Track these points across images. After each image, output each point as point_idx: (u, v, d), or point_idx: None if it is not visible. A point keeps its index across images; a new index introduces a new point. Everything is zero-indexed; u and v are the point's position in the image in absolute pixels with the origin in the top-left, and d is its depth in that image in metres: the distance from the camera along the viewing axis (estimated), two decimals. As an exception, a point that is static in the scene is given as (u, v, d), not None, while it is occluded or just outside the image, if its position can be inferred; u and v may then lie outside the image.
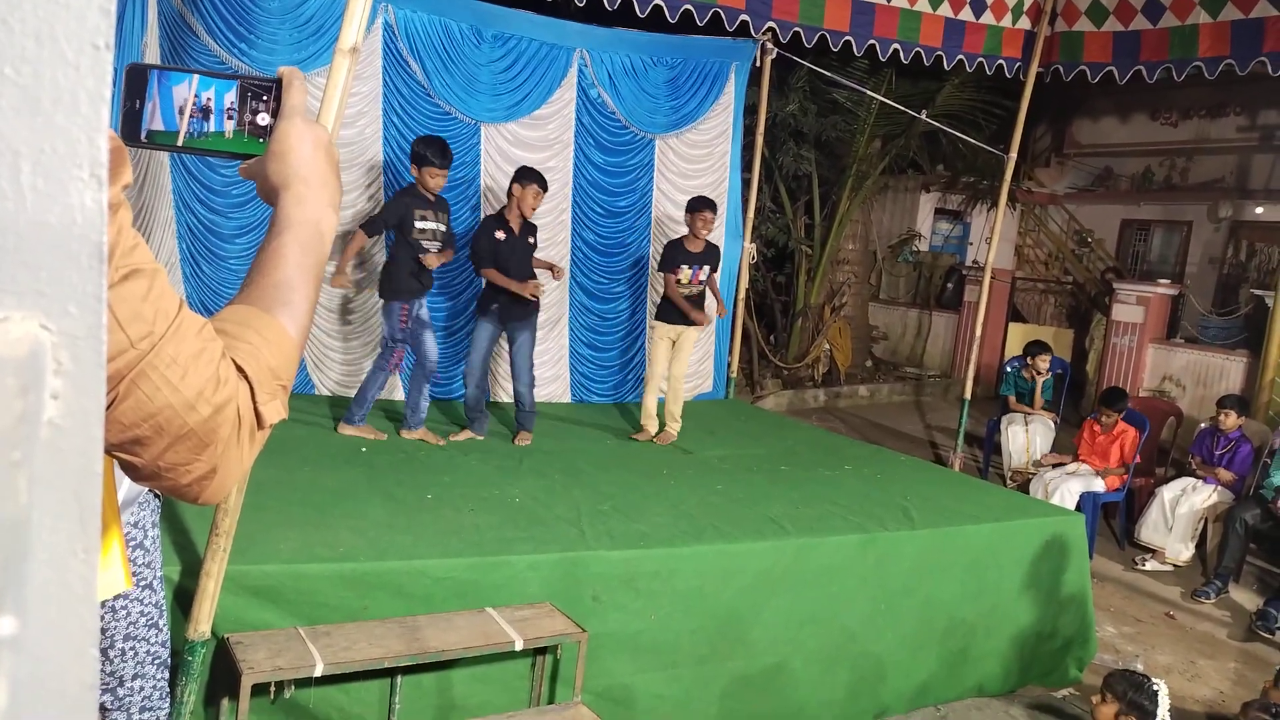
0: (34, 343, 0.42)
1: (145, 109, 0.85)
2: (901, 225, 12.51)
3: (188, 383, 0.70)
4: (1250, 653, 4.98)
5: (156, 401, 0.69)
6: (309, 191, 0.89)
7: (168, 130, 0.86)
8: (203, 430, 0.72)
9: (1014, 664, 4.26)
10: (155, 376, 0.69)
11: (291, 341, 0.82)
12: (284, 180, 0.89)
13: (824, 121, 9.58)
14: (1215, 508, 6.05)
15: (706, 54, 6.60)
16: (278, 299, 0.83)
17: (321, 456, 4.26)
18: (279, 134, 0.89)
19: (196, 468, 0.74)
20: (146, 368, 0.68)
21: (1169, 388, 8.87)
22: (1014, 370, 7.46)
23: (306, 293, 0.86)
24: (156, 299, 0.69)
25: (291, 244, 0.86)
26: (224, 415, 0.73)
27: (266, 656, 2.62)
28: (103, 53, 0.43)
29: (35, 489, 0.41)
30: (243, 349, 0.77)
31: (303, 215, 0.88)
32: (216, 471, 0.75)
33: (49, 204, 0.42)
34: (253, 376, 0.76)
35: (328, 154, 0.91)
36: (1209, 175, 11.49)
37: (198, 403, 0.71)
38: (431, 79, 5.65)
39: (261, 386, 0.77)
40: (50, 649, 0.41)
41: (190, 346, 0.70)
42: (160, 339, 0.68)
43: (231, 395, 0.74)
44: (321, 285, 0.89)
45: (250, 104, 0.89)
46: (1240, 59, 6.04)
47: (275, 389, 0.79)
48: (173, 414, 0.70)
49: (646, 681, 3.39)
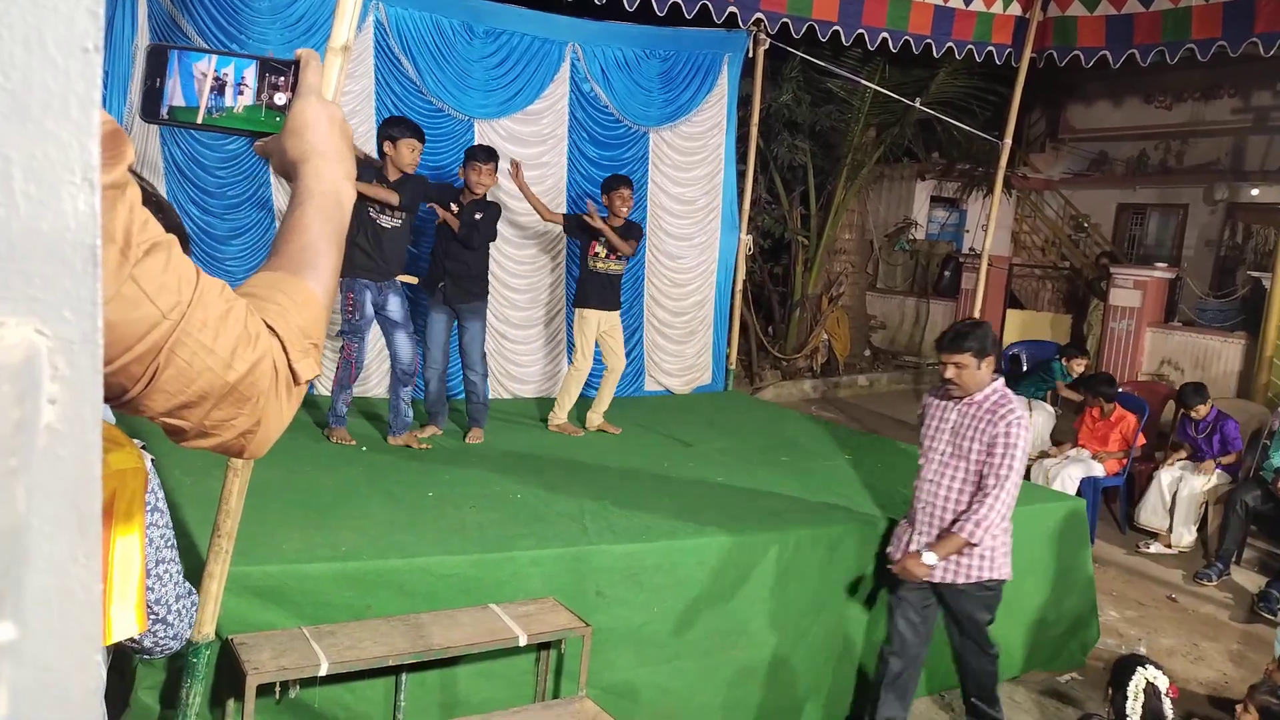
0: (30, 349, 0.41)
1: (166, 86, 0.87)
2: (898, 214, 12.51)
3: (221, 343, 0.73)
4: (1252, 634, 4.99)
5: (196, 366, 0.72)
6: (326, 165, 0.92)
7: (188, 106, 0.88)
8: (243, 386, 0.75)
9: (1017, 650, 4.27)
10: (190, 342, 0.71)
11: (318, 302, 0.85)
12: (303, 155, 0.92)
13: (818, 111, 9.57)
14: (1215, 490, 6.06)
15: (699, 46, 6.59)
16: (303, 263, 0.87)
17: (322, 457, 4.26)
18: (296, 111, 0.92)
19: (240, 422, 0.78)
20: (181, 335, 0.71)
21: (1167, 371, 8.88)
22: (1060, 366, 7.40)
23: (330, 257, 0.90)
24: (176, 268, 0.71)
25: (313, 213, 0.90)
26: (261, 369, 0.76)
27: (271, 657, 2.63)
28: (92, 56, 0.43)
29: (33, 496, 0.40)
30: (272, 310, 0.80)
31: (322, 187, 0.91)
32: (260, 424, 0.79)
33: (41, 210, 0.42)
34: (284, 335, 0.80)
35: (342, 130, 0.95)
36: (1204, 158, 11.50)
37: (234, 360, 0.74)
38: (424, 76, 5.64)
39: (293, 345, 0.80)
40: (52, 656, 0.41)
41: (216, 308, 0.73)
42: (188, 306, 0.71)
43: (266, 350, 0.77)
44: (342, 253, 0.93)
45: (268, 82, 0.91)
46: (1232, 40, 6.04)
47: (307, 347, 0.82)
48: (213, 375, 0.73)
49: (650, 675, 3.40)
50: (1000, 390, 3.38)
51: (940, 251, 12.39)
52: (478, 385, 4.99)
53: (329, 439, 4.58)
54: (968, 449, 3.35)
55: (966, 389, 3.35)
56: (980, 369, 3.32)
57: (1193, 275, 10.18)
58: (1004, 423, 3.28)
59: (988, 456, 3.29)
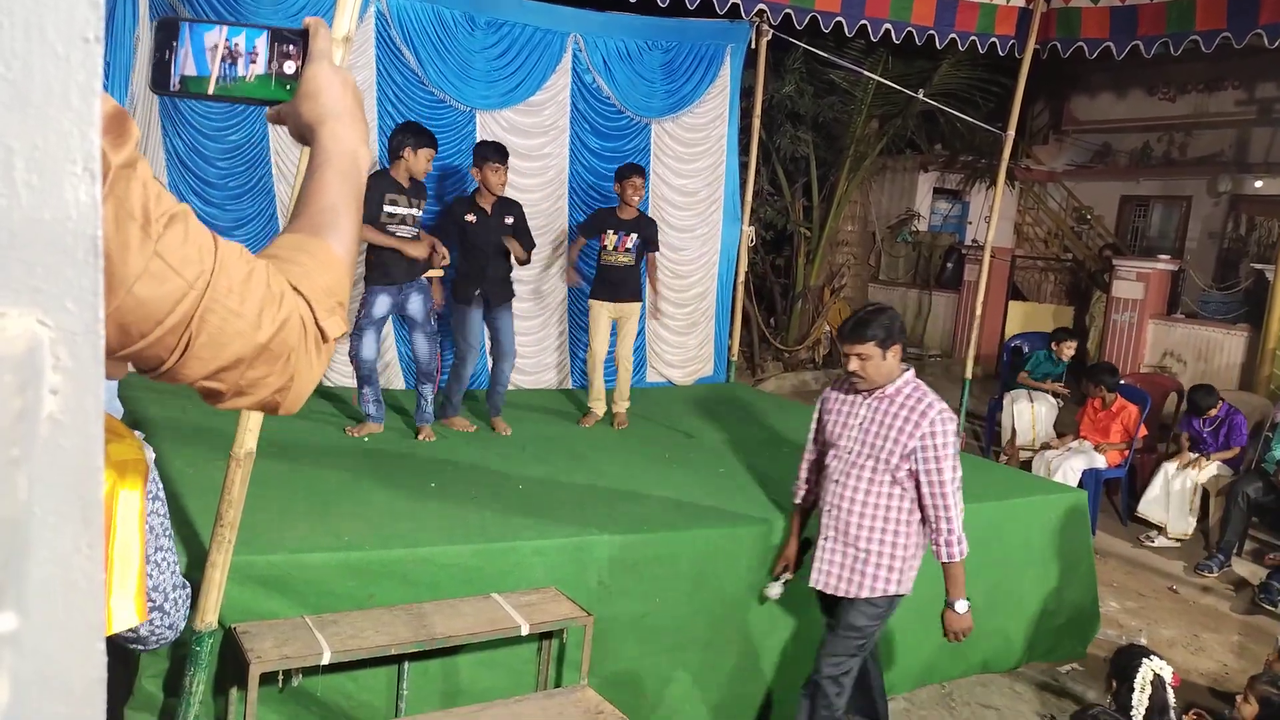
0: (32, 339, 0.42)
1: (178, 56, 0.88)
2: (900, 205, 12.48)
3: (248, 305, 0.75)
4: (1253, 625, 5.00)
5: (227, 331, 0.74)
6: (342, 127, 0.94)
7: (200, 75, 0.89)
8: (274, 344, 0.77)
9: (1018, 641, 4.28)
10: (218, 309, 0.73)
11: (340, 261, 0.87)
12: (318, 118, 0.94)
13: (821, 103, 9.55)
14: (1217, 481, 6.06)
15: (702, 37, 6.57)
16: (324, 223, 0.89)
17: (324, 447, 4.26)
18: (309, 75, 0.94)
19: (273, 380, 0.80)
20: (208, 303, 0.73)
21: (1170, 363, 8.87)
22: (1043, 353, 7.41)
23: (350, 217, 0.91)
24: (195, 238, 0.73)
25: (332, 175, 0.92)
26: (290, 327, 0.78)
27: (274, 646, 2.64)
28: (93, 46, 0.43)
29: (35, 486, 0.41)
30: (295, 271, 0.82)
31: (339, 149, 0.93)
32: (293, 380, 0.81)
33: (43, 200, 0.42)
34: (309, 295, 0.81)
35: (355, 94, 0.97)
36: (1207, 150, 11.45)
37: (262, 320, 0.76)
38: (425, 67, 5.63)
39: (319, 304, 0.82)
40: (55, 645, 0.41)
41: (239, 271, 0.75)
42: (212, 274, 0.73)
43: (292, 308, 0.79)
44: (361, 213, 0.94)
45: (279, 51, 0.93)
46: (1237, 32, 6.01)
47: (332, 305, 0.84)
48: (244, 339, 0.75)
49: (653, 664, 3.41)
50: (913, 383, 3.13)
51: (943, 243, 12.37)
52: (507, 373, 5.09)
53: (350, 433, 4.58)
54: (881, 447, 3.07)
55: (873, 381, 3.07)
56: (886, 359, 3.04)
57: (1195, 267, 10.16)
58: (927, 422, 3.01)
59: (922, 464, 3.02)
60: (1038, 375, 7.32)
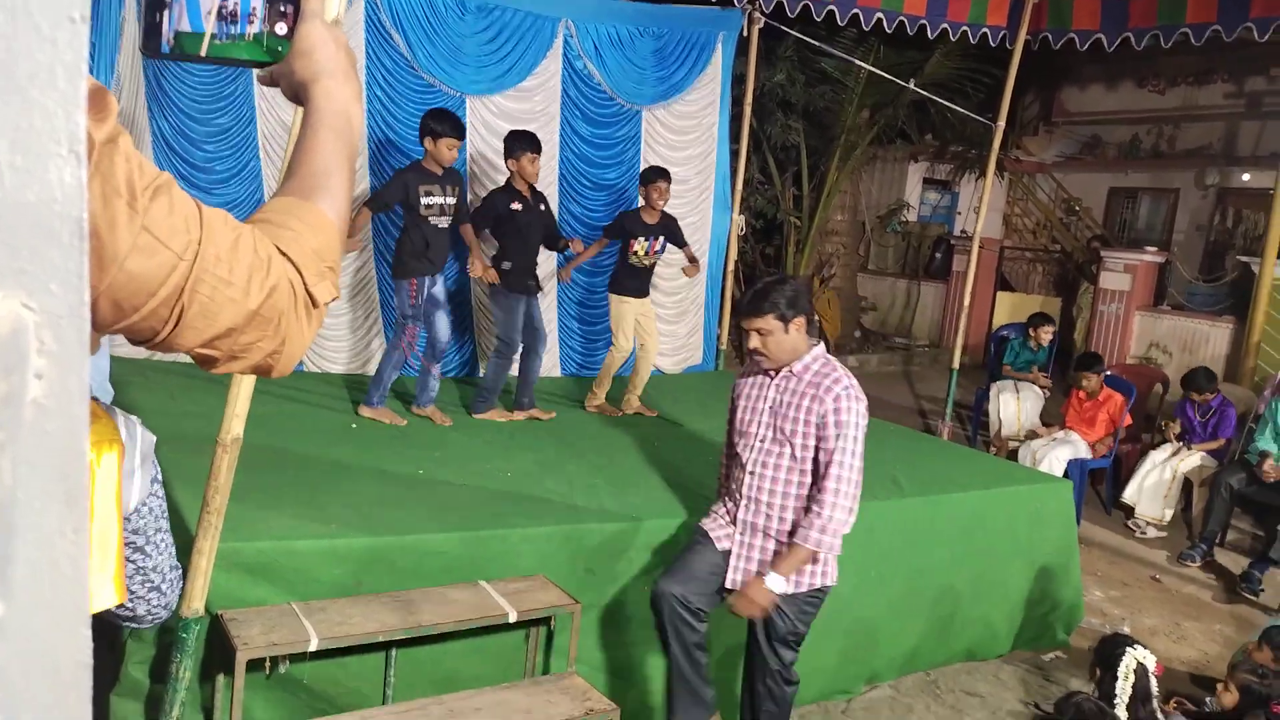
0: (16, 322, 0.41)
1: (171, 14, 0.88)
2: (890, 195, 12.50)
3: (236, 273, 0.76)
4: (1235, 614, 5.05)
5: (218, 299, 0.75)
6: (335, 85, 0.94)
7: (194, 32, 0.89)
8: (265, 310, 0.78)
9: (1003, 629, 4.31)
10: (208, 278, 0.74)
11: (331, 224, 0.87)
12: (312, 75, 0.94)
13: (812, 92, 9.54)
14: (1200, 471, 6.11)
15: (693, 24, 6.54)
16: (316, 186, 0.89)
17: (312, 433, 4.25)
18: (302, 34, 0.94)
19: (265, 344, 0.81)
20: (198, 273, 0.73)
21: (1156, 354, 8.92)
22: (1018, 340, 7.46)
23: (343, 178, 0.91)
24: (180, 208, 0.73)
25: (326, 134, 0.92)
26: (279, 293, 0.79)
27: (261, 632, 2.63)
28: (79, 26, 0.42)
29: (20, 470, 0.40)
30: (285, 236, 0.82)
31: (333, 107, 0.93)
32: (285, 343, 0.82)
33: (28, 181, 0.42)
34: (298, 261, 0.82)
35: (347, 52, 0.98)
36: (1196, 142, 11.50)
37: (251, 287, 0.77)
38: (415, 51, 5.59)
39: (308, 269, 0.82)
40: (41, 629, 0.41)
41: (225, 239, 0.76)
42: (199, 244, 0.73)
43: (280, 274, 0.80)
44: (355, 174, 0.94)
45: (273, 10, 0.92)
46: (1227, 25, 6.03)
47: (322, 270, 0.84)
48: (235, 306, 0.76)
49: (640, 651, 3.42)
50: (822, 358, 2.87)
51: (932, 233, 12.39)
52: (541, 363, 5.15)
53: (361, 414, 4.61)
54: (791, 430, 2.83)
55: (777, 359, 2.83)
56: (790, 333, 2.80)
57: (1182, 259, 10.21)
58: (831, 397, 2.77)
59: (820, 442, 2.79)
60: (1019, 365, 7.36)
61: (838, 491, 2.76)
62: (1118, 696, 3.04)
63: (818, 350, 2.89)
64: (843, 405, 2.78)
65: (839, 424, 2.76)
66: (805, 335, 2.85)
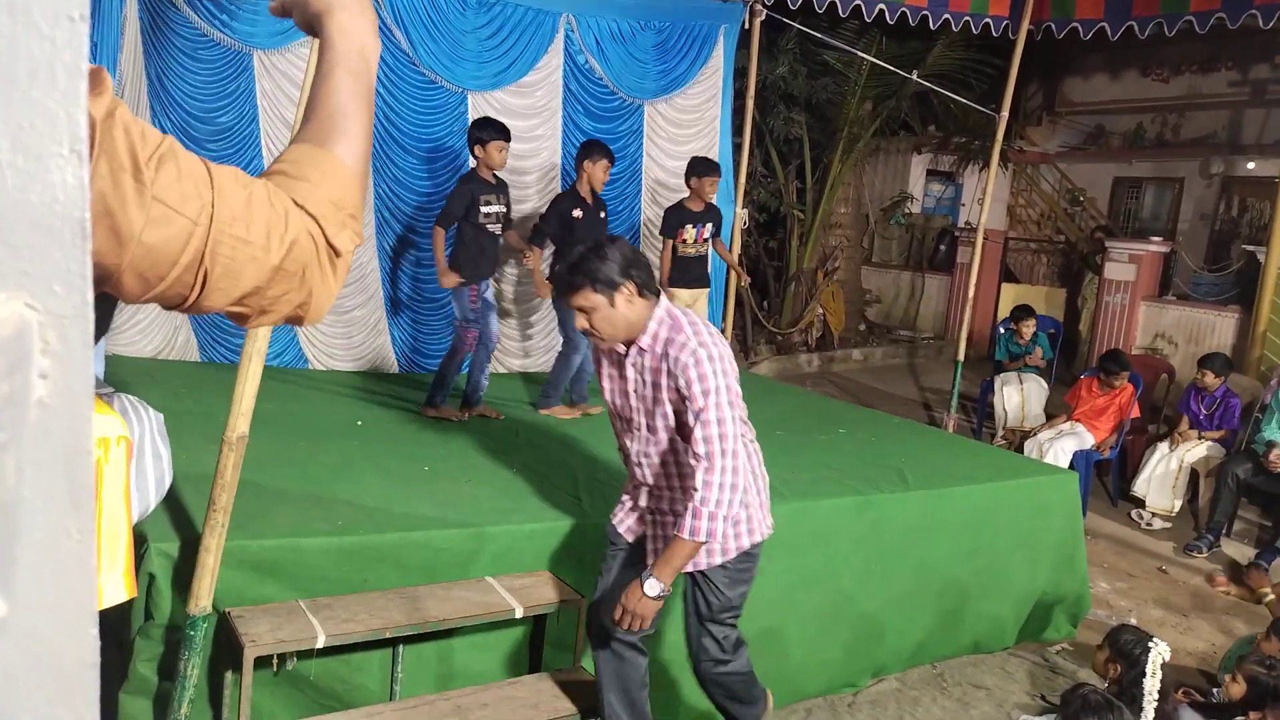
0: (20, 323, 0.41)
1: None
2: (893, 188, 12.46)
3: (254, 230, 0.75)
4: (1241, 605, 5.04)
5: (239, 259, 0.75)
6: (349, 18, 0.93)
7: None
8: (288, 264, 0.78)
9: (1009, 621, 4.31)
10: (227, 240, 0.74)
11: (349, 170, 0.86)
12: (326, 7, 0.92)
13: (814, 84, 9.50)
14: (1207, 462, 6.10)
15: (695, 17, 6.53)
16: (333, 130, 0.87)
17: (318, 431, 4.26)
18: None
19: (293, 296, 0.81)
20: (216, 235, 0.73)
21: (1161, 345, 8.90)
22: (1006, 334, 7.48)
23: (360, 120, 0.90)
24: (189, 172, 0.73)
25: (342, 75, 0.90)
26: (300, 246, 0.79)
27: (268, 629, 2.64)
28: (78, 25, 0.42)
29: (25, 470, 0.40)
30: (302, 188, 0.82)
31: (348, 44, 0.92)
32: (312, 294, 0.82)
33: (29, 182, 0.42)
34: (317, 213, 0.81)
35: None
36: (1200, 131, 11.45)
37: (270, 243, 0.76)
38: (416, 47, 5.58)
39: (327, 221, 0.82)
40: (46, 629, 0.41)
41: (238, 198, 0.75)
42: (213, 206, 0.73)
43: (300, 226, 0.79)
44: (374, 114, 0.93)
45: None
46: (1231, 13, 6.00)
47: (343, 219, 0.83)
48: (257, 264, 0.76)
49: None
50: (666, 321, 2.48)
51: (936, 225, 12.36)
52: None
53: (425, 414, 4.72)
54: (655, 411, 2.54)
55: (613, 337, 2.48)
56: (618, 305, 2.42)
57: (1187, 249, 10.17)
58: (680, 367, 2.41)
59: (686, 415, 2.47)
60: (1011, 358, 7.35)
61: (709, 469, 2.41)
62: (1146, 694, 3.03)
63: (659, 312, 2.49)
64: (691, 371, 2.40)
65: (693, 394, 2.41)
66: (643, 303, 2.46)
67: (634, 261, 2.47)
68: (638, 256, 2.49)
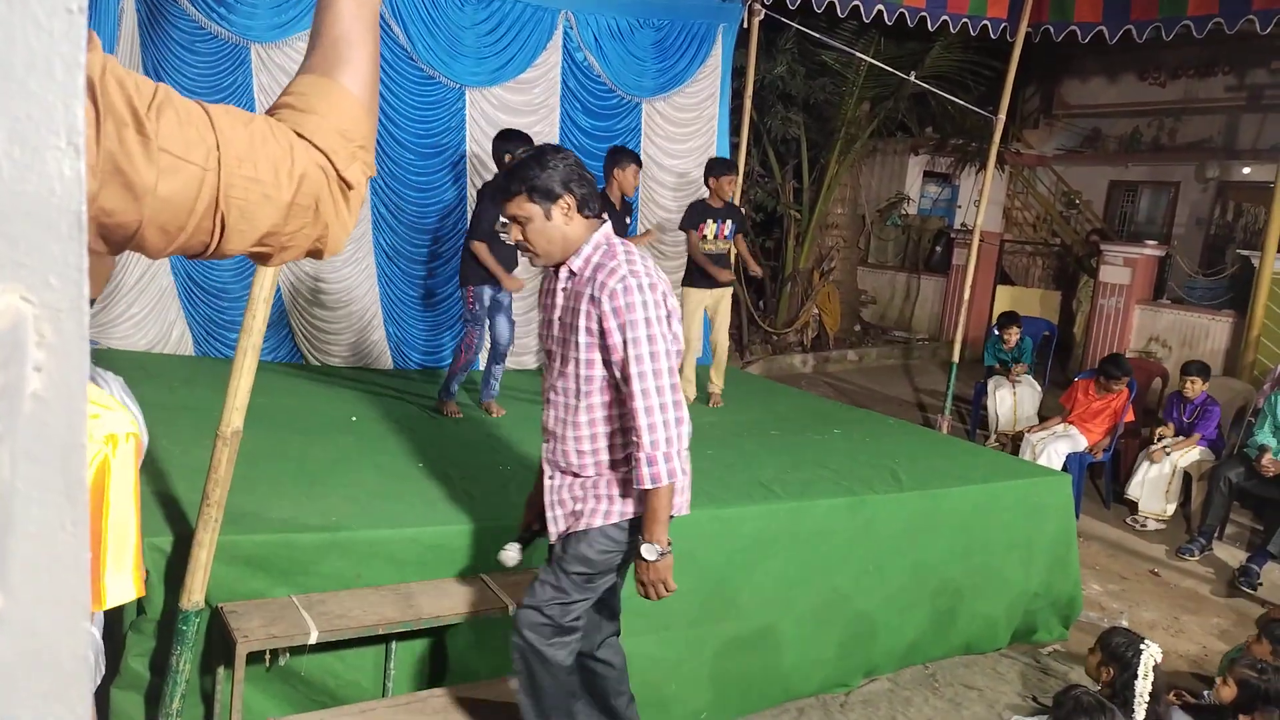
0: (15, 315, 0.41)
1: None
2: (890, 189, 12.47)
3: (262, 168, 0.75)
4: (1233, 608, 5.06)
5: (252, 199, 0.75)
6: None
7: None
8: (300, 198, 0.78)
9: (1001, 622, 4.32)
10: (238, 181, 0.73)
11: (356, 99, 0.85)
12: None
13: (812, 84, 9.51)
14: (1199, 466, 6.12)
15: (693, 16, 6.52)
16: (338, 58, 0.86)
17: (312, 426, 4.25)
18: None
19: (310, 230, 0.81)
20: (226, 178, 0.73)
21: (1155, 348, 8.92)
22: (994, 340, 7.49)
23: (365, 47, 0.88)
24: (189, 117, 0.72)
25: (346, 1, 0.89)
26: (310, 179, 0.79)
27: (261, 625, 2.64)
28: (76, 16, 0.42)
29: (19, 464, 0.40)
30: (310, 121, 0.81)
31: None
32: (329, 227, 0.82)
33: (25, 173, 0.41)
34: (325, 146, 0.81)
35: None
36: (1197, 135, 11.47)
37: (280, 179, 0.76)
38: (415, 43, 5.58)
39: (337, 154, 0.81)
40: (40, 623, 0.41)
41: (240, 137, 0.75)
42: (218, 148, 0.73)
43: (307, 159, 0.79)
44: (379, 42, 0.91)
45: None
46: (1229, 17, 6.01)
47: (352, 151, 0.83)
48: (270, 202, 0.76)
49: (639, 644, 3.43)
50: (605, 245, 2.28)
51: (932, 227, 12.37)
52: None
53: (440, 412, 4.78)
54: (571, 340, 2.29)
55: (546, 254, 2.28)
56: (554, 219, 2.24)
57: (1182, 253, 10.20)
58: (607, 294, 2.18)
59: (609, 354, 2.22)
60: (1000, 363, 7.37)
61: (649, 410, 2.19)
62: (1138, 696, 3.04)
63: (598, 236, 2.30)
64: (620, 300, 2.17)
65: (622, 324, 2.17)
66: (582, 221, 2.28)
67: (577, 176, 2.28)
68: (582, 173, 2.30)
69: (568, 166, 2.27)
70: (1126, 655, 3.13)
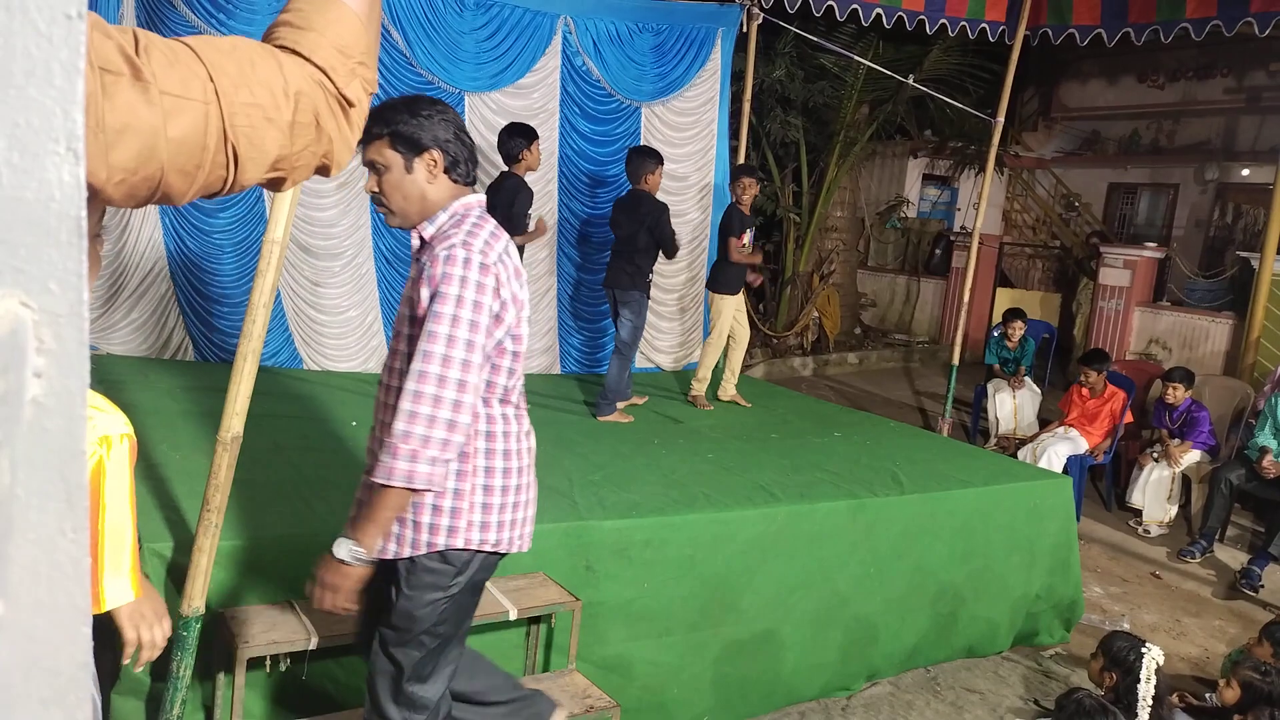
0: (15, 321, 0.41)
1: None
2: (889, 192, 12.49)
3: (257, 92, 0.75)
4: (1235, 610, 5.05)
5: (256, 125, 0.75)
6: None
7: None
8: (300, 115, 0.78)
9: (1003, 625, 4.32)
10: (239, 109, 0.74)
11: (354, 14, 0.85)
12: None
13: (811, 87, 9.52)
14: (1199, 468, 6.11)
15: (692, 20, 6.53)
16: None
17: (312, 431, 4.25)
18: None
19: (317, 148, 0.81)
20: (227, 109, 0.73)
21: (1155, 350, 8.92)
22: (997, 338, 7.50)
23: None
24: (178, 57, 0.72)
25: None
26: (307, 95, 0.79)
27: (261, 630, 2.63)
28: (76, 23, 0.42)
29: (19, 469, 0.40)
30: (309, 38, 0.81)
31: None
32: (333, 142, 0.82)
33: (25, 180, 0.41)
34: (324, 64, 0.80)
35: None
36: (1196, 137, 11.49)
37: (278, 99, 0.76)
38: (413, 48, 5.58)
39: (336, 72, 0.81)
40: (40, 628, 0.41)
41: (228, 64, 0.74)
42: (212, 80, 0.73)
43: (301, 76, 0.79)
44: None
45: None
46: (1227, 20, 6.02)
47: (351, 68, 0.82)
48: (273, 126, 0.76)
49: (640, 649, 3.43)
50: (460, 214, 2.01)
51: (931, 230, 12.38)
52: None
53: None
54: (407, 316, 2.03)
55: (402, 212, 2.01)
56: (416, 173, 1.97)
57: (1182, 255, 10.21)
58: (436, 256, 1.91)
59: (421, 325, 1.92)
60: (1007, 367, 7.36)
61: (418, 395, 1.85)
62: (1140, 700, 3.03)
63: (458, 205, 2.02)
64: (439, 268, 1.89)
65: (433, 294, 1.89)
66: (447, 184, 2.01)
67: (455, 135, 2.01)
68: (462, 134, 2.03)
69: (445, 122, 2.00)
70: (1128, 659, 3.13)
